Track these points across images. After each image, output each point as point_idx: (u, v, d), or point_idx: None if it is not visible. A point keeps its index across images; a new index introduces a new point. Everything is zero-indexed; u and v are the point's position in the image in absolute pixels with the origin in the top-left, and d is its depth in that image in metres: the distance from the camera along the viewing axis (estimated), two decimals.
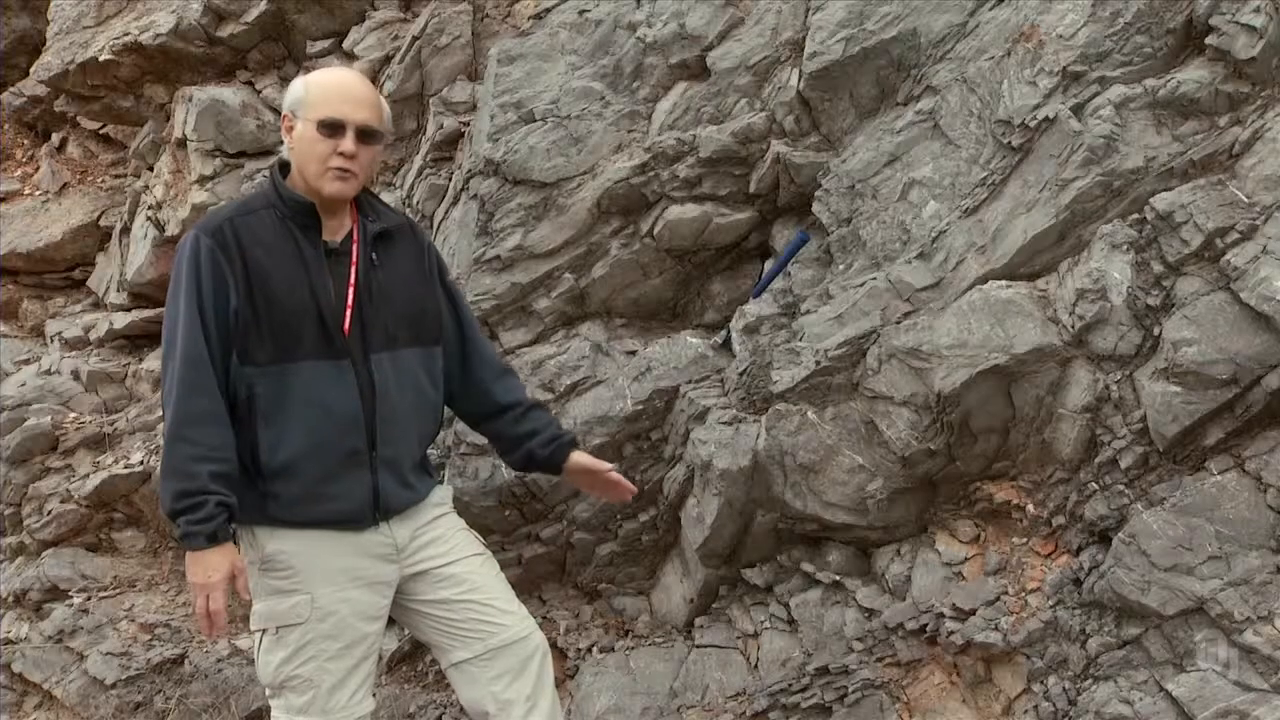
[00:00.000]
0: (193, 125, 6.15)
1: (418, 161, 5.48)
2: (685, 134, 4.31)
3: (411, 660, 4.79)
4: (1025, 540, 3.63)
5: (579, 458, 3.25)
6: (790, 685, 3.71)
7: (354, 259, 2.96)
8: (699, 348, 4.24)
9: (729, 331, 4.18)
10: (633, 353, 4.37)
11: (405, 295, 3.05)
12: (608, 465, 3.28)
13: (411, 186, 5.48)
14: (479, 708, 3.08)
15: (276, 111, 6.19)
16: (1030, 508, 3.60)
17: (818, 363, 3.73)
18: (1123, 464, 3.35)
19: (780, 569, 3.98)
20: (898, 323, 3.67)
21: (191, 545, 2.79)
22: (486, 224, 4.46)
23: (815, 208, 4.06)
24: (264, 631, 2.95)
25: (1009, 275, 3.55)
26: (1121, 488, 3.36)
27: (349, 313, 2.92)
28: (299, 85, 2.92)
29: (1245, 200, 3.21)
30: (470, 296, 4.42)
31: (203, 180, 6.09)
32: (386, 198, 5.76)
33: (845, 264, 3.92)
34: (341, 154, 2.87)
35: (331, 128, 2.87)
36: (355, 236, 2.98)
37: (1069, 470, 3.49)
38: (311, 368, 2.87)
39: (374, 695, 3.09)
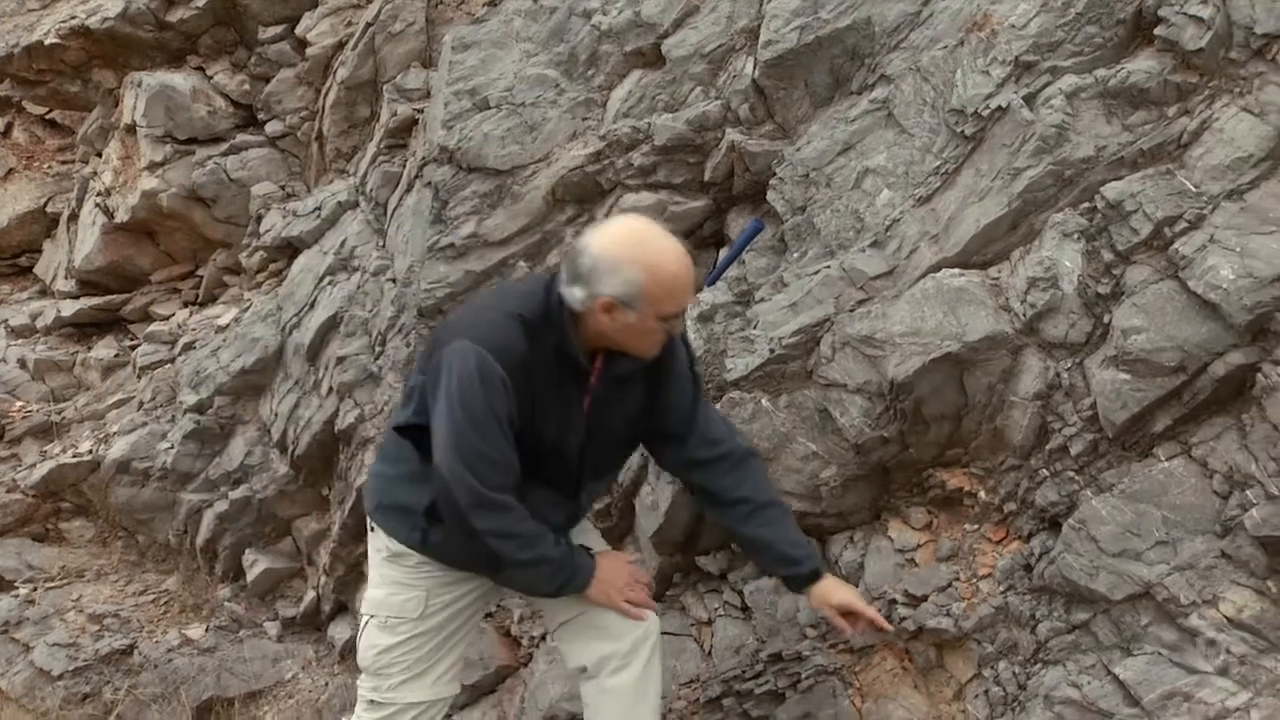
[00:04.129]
0: (142, 111, 6.08)
1: (371, 149, 5.45)
2: (640, 122, 4.30)
3: None
4: (977, 527, 3.65)
5: (828, 593, 3.20)
6: (743, 672, 3.72)
7: (590, 392, 2.98)
8: None
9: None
10: None
11: (627, 431, 3.14)
12: (864, 607, 3.23)
13: (365, 174, 5.45)
14: (578, 663, 3.20)
15: (228, 98, 6.14)
16: (982, 494, 3.62)
17: (772, 351, 3.74)
18: (1073, 451, 3.38)
19: (734, 556, 3.98)
20: (851, 311, 3.68)
21: (587, 583, 3.04)
22: (441, 212, 4.43)
23: (770, 196, 4.07)
24: (373, 617, 3.09)
25: (962, 263, 3.58)
26: (1071, 474, 3.39)
27: (583, 458, 3.03)
28: (637, 276, 2.72)
29: (1193, 190, 3.24)
30: (424, 285, 4.40)
31: (153, 167, 6.03)
32: (339, 185, 5.74)
33: (799, 252, 3.93)
34: (669, 331, 2.91)
35: (673, 318, 2.87)
36: (598, 368, 2.96)
37: (1020, 457, 3.51)
38: (543, 493, 2.97)
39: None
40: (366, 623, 3.12)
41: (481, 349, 2.74)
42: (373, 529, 3.14)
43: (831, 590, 3.19)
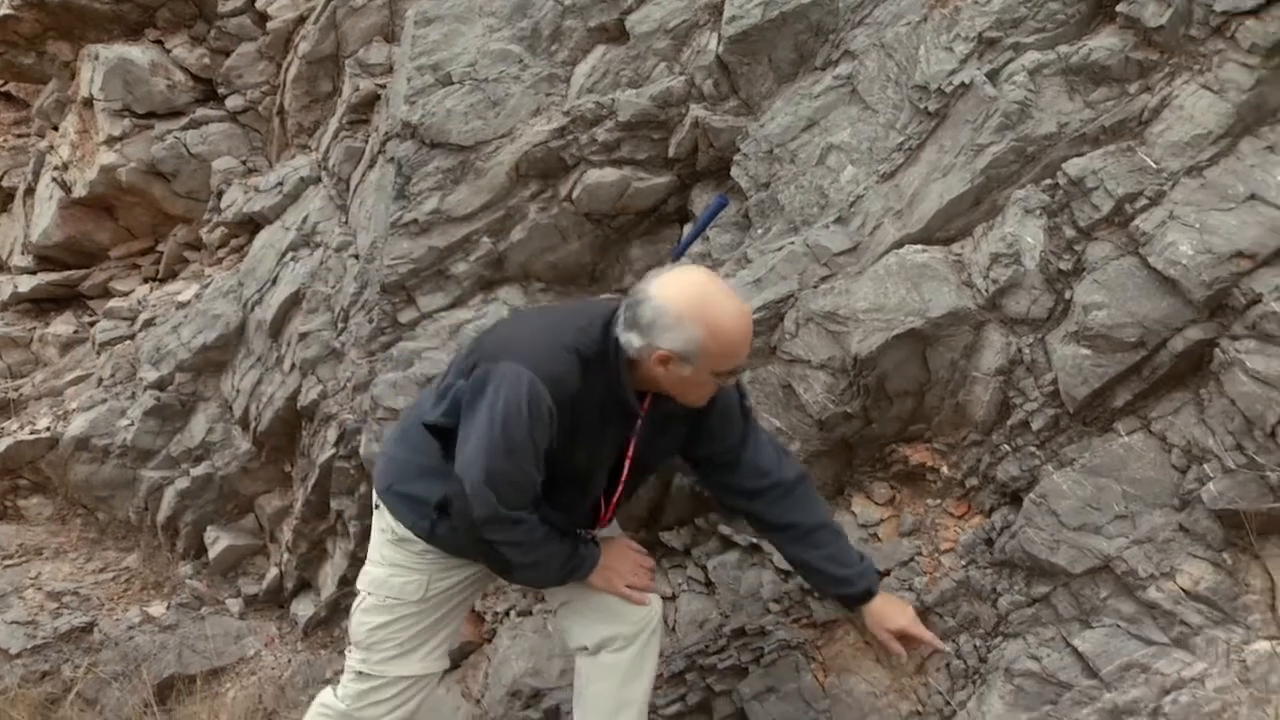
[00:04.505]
0: (99, 84, 6.00)
1: (333, 124, 5.40)
2: (604, 98, 4.28)
3: (327, 625, 4.77)
4: (939, 502, 3.68)
5: (885, 617, 3.21)
6: (707, 646, 3.73)
7: (635, 434, 3.01)
8: None
9: None
10: None
11: (665, 459, 3.25)
12: (921, 631, 3.25)
13: (327, 149, 5.41)
14: (579, 643, 3.24)
15: (187, 71, 6.07)
16: (944, 469, 3.65)
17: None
18: (1034, 426, 3.41)
19: (698, 532, 3.99)
20: (815, 286, 3.69)
21: (590, 572, 3.11)
22: (404, 187, 4.40)
23: (734, 172, 4.07)
24: (370, 594, 3.12)
25: (925, 240, 3.59)
26: (1033, 449, 3.41)
27: (614, 503, 3.13)
28: (697, 334, 2.74)
29: (1154, 166, 3.26)
30: (387, 261, 4.38)
31: (111, 141, 5.95)
32: (301, 161, 5.69)
33: (763, 228, 3.94)
34: (722, 385, 2.93)
35: (728, 375, 2.89)
36: (645, 409, 2.98)
37: (982, 432, 3.53)
38: (556, 513, 3.00)
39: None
40: (364, 600, 3.13)
41: (536, 378, 2.73)
42: (378, 507, 3.14)
43: (887, 615, 3.20)
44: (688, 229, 4.25)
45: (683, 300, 2.76)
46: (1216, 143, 3.22)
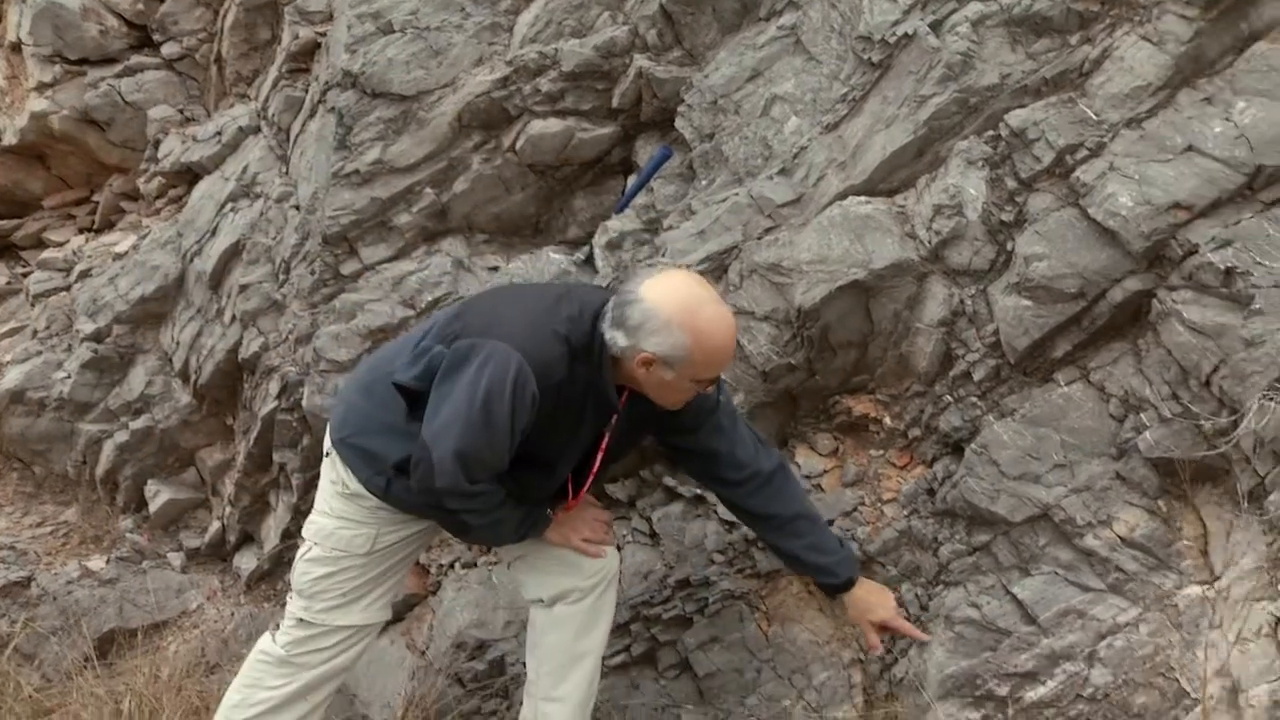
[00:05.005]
0: (28, 29, 5.84)
1: (273, 73, 5.31)
2: (547, 47, 4.24)
3: (270, 578, 4.74)
4: (882, 452, 3.70)
5: (866, 609, 3.26)
6: (652, 598, 3.75)
7: (610, 430, 3.02)
8: (561, 264, 4.21)
9: (591, 247, 4.15)
10: (495, 269, 4.33)
11: (635, 447, 3.33)
12: (901, 623, 3.29)
13: (266, 98, 5.32)
14: (536, 595, 3.25)
15: (121, 17, 5.93)
16: (887, 420, 3.67)
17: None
18: (976, 377, 3.44)
19: (643, 484, 4.00)
20: (759, 238, 3.69)
21: (544, 530, 3.13)
22: (345, 137, 4.35)
23: (678, 123, 4.05)
24: (316, 545, 3.10)
25: (868, 191, 3.59)
26: (974, 400, 3.45)
27: (583, 491, 3.15)
28: (683, 340, 2.74)
29: (1094, 118, 3.28)
30: (328, 212, 4.33)
31: (42, 88, 5.81)
32: (240, 110, 5.60)
33: (708, 180, 3.93)
34: (701, 392, 2.92)
35: (709, 383, 2.89)
36: (623, 404, 2.97)
37: (925, 383, 3.56)
38: (527, 496, 3.05)
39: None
40: (309, 549, 3.11)
41: (524, 361, 2.72)
42: (329, 454, 3.11)
43: (870, 605, 3.25)
44: (632, 180, 4.23)
45: (672, 305, 2.75)
46: (1155, 94, 3.25)
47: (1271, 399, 2.88)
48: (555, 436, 2.91)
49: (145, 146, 5.89)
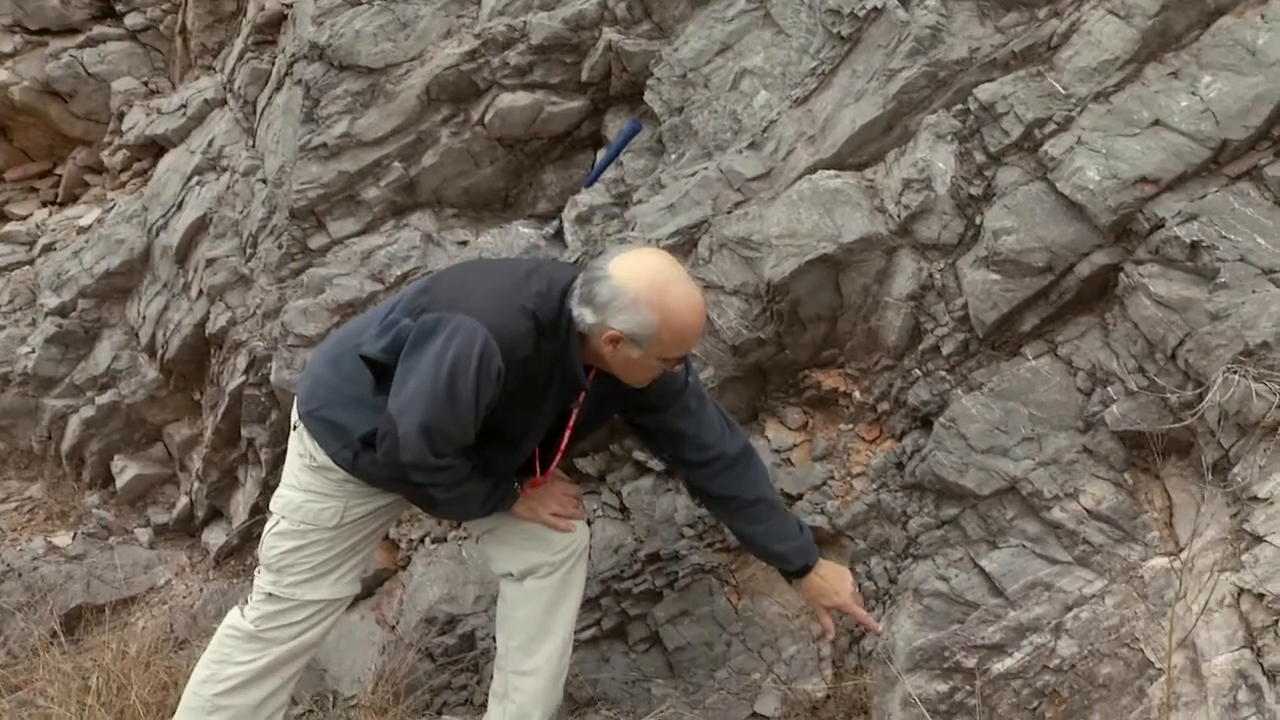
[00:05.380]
0: None
1: (238, 44, 5.27)
2: (515, 20, 4.21)
3: (239, 554, 4.73)
4: (851, 426, 3.71)
5: (822, 593, 3.26)
6: (622, 572, 3.76)
7: (577, 407, 3.03)
8: (531, 238, 4.20)
9: (561, 221, 4.14)
10: (464, 243, 4.31)
11: (596, 429, 3.33)
12: (857, 610, 3.29)
13: (232, 71, 5.28)
14: (505, 569, 3.25)
15: None
16: (857, 394, 3.68)
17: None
18: (944, 350, 3.45)
19: (613, 458, 4.00)
20: (729, 212, 3.69)
21: (512, 505, 3.13)
22: (312, 110, 4.32)
23: (647, 97, 4.03)
24: (284, 519, 3.09)
25: (838, 165, 3.59)
26: (943, 374, 3.46)
27: (550, 468, 3.16)
28: (651, 318, 2.74)
29: (1062, 92, 3.29)
30: (296, 186, 4.30)
31: (2, 58, 5.76)
32: (205, 82, 5.55)
33: (677, 153, 3.92)
34: (667, 370, 2.91)
35: (675, 362, 2.88)
36: (590, 381, 2.97)
37: (894, 357, 3.57)
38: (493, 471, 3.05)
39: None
40: (277, 523, 3.11)
41: (491, 337, 2.70)
42: (296, 427, 3.10)
43: (822, 591, 3.25)
44: (601, 154, 4.22)
45: (641, 283, 2.75)
46: (1123, 68, 3.25)
47: (1236, 372, 2.90)
48: (520, 412, 2.90)
49: (109, 119, 5.85)
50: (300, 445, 3.09)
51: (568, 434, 3.06)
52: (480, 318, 2.72)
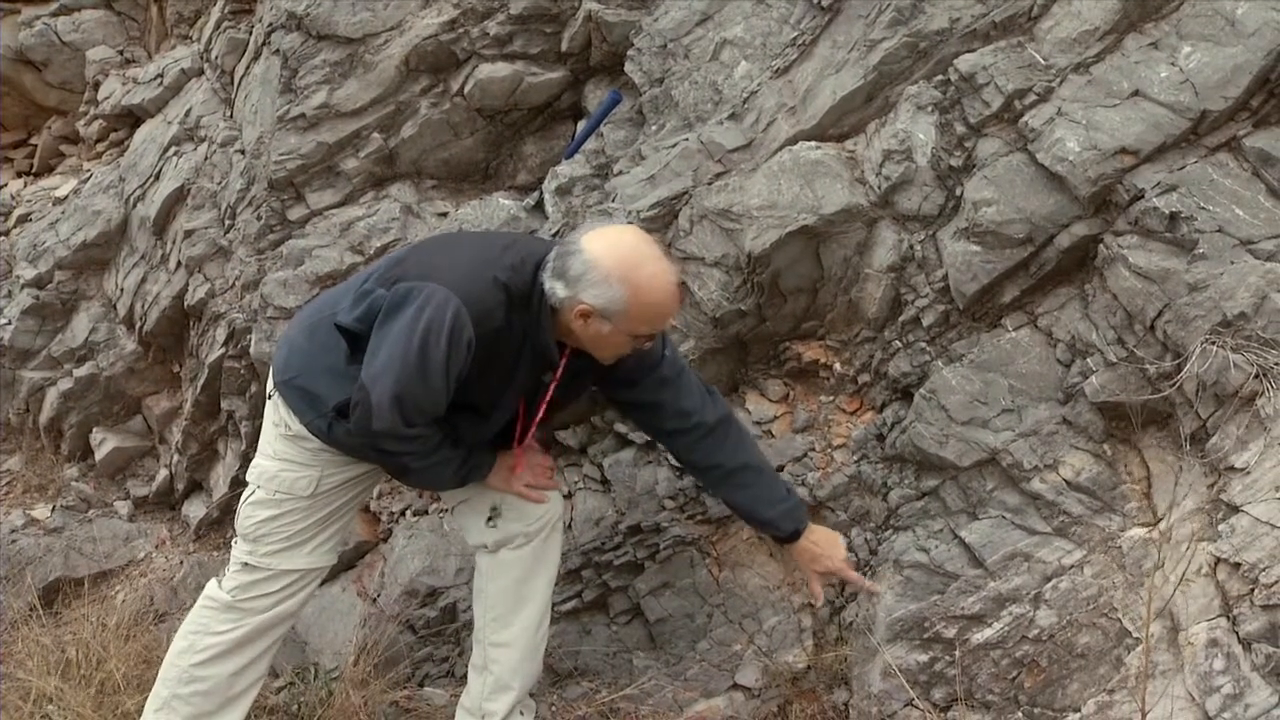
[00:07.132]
0: None
1: (215, 14, 5.22)
2: None
3: (220, 526, 4.72)
4: (832, 398, 3.72)
5: (814, 558, 3.25)
6: (603, 544, 3.76)
7: (554, 383, 3.02)
8: (511, 209, 4.18)
9: (541, 193, 4.12)
10: (444, 214, 4.30)
11: (573, 401, 3.29)
12: (849, 574, 3.28)
13: (209, 40, 5.23)
14: (479, 541, 3.25)
15: None
16: (837, 366, 3.68)
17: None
18: (925, 322, 3.45)
19: (594, 430, 4.00)
20: (709, 184, 3.68)
21: (485, 475, 3.13)
22: (290, 81, 4.28)
23: (627, 67, 4.01)
24: (260, 488, 3.09)
25: (818, 136, 3.58)
26: (923, 345, 3.46)
27: (526, 439, 3.15)
28: (622, 294, 2.74)
29: (1043, 63, 3.28)
30: (274, 157, 4.27)
31: None
32: (181, 52, 5.50)
33: (658, 125, 3.90)
34: (638, 348, 2.90)
35: (646, 339, 2.87)
36: (564, 360, 2.97)
37: (874, 329, 3.57)
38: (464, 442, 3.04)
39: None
40: (253, 492, 3.10)
41: (462, 306, 2.70)
42: (272, 396, 3.10)
43: (814, 555, 3.25)
44: (582, 125, 4.20)
45: (614, 258, 2.75)
46: (1103, 39, 3.25)
47: (1214, 343, 2.91)
48: (491, 383, 2.91)
49: (84, 88, 5.80)
50: (275, 414, 3.09)
51: (543, 406, 3.06)
52: (453, 288, 2.72)
